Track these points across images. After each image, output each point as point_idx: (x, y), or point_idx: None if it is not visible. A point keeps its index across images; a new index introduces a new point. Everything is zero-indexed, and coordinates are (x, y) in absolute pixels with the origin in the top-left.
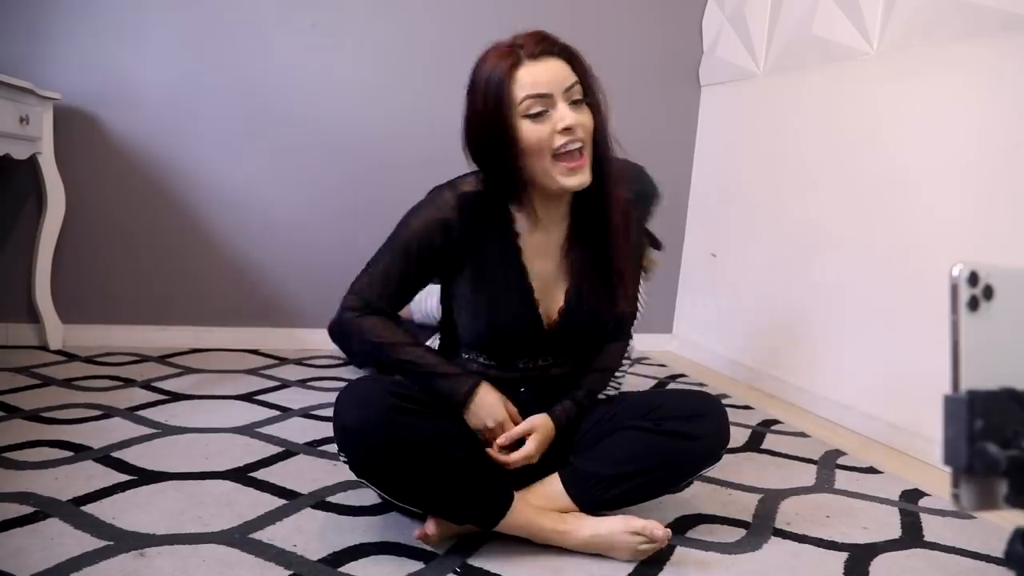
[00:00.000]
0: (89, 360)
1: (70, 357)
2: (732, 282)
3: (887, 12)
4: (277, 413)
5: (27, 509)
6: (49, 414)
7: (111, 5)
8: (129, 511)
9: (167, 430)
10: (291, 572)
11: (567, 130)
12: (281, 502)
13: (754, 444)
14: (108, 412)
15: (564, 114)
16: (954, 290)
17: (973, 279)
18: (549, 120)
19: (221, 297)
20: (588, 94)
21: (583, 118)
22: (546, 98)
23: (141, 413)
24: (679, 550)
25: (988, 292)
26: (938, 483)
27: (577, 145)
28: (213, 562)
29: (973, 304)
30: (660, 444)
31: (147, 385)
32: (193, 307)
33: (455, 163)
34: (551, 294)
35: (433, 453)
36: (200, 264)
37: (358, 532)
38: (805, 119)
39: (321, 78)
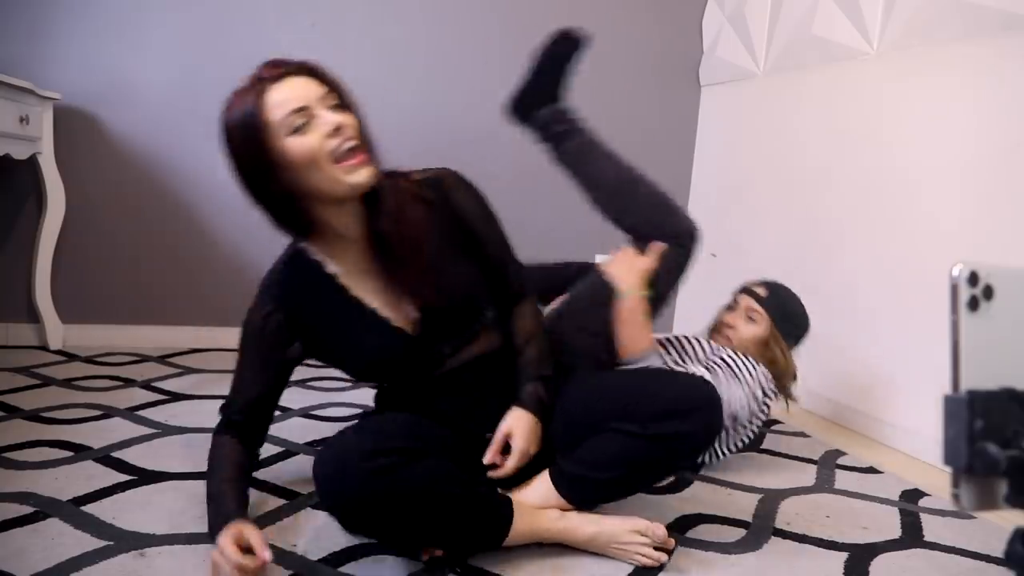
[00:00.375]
0: (89, 360)
1: (70, 357)
2: (732, 282)
3: (887, 12)
4: (277, 413)
5: (27, 509)
6: (49, 414)
7: (111, 5)
8: (129, 511)
9: (167, 430)
10: (291, 572)
11: (337, 131)
12: (281, 502)
13: (754, 444)
14: (108, 412)
15: (328, 118)
16: (954, 290)
17: (973, 279)
18: (315, 129)
19: (221, 297)
20: (343, 100)
21: (348, 119)
22: (304, 110)
23: (141, 413)
24: (679, 550)
25: (988, 292)
26: (938, 483)
27: (352, 144)
28: None
29: (973, 304)
30: (649, 449)
31: (147, 385)
32: (193, 307)
33: (453, 163)
34: (400, 299)
35: (427, 499)
36: (200, 264)
37: None
38: (805, 119)
39: None
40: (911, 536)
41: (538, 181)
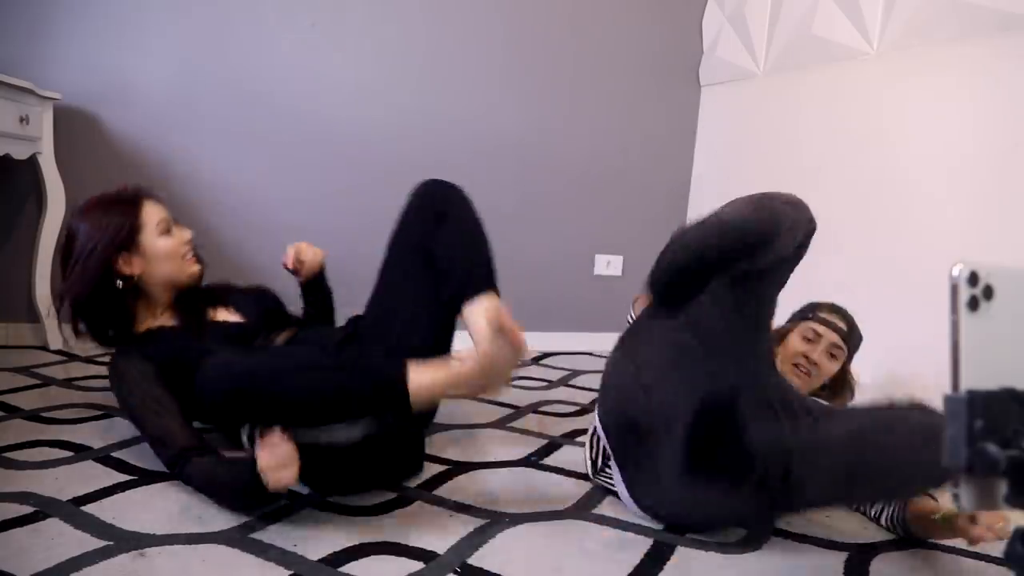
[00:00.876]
0: (89, 360)
1: (70, 357)
2: None
3: (887, 12)
4: None
5: (27, 509)
6: (49, 414)
7: (111, 5)
8: (129, 511)
9: None
10: (291, 572)
11: (188, 241)
12: (281, 502)
13: None
14: (108, 412)
15: (183, 232)
16: (954, 290)
17: (973, 279)
18: (176, 235)
19: None
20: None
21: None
22: (167, 220)
23: None
24: (679, 550)
25: (988, 292)
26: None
27: (193, 251)
28: (213, 562)
29: (973, 304)
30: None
31: None
32: None
33: (452, 161)
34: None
35: (303, 371)
36: None
37: (358, 532)
38: (805, 119)
39: (321, 78)
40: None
41: (537, 180)
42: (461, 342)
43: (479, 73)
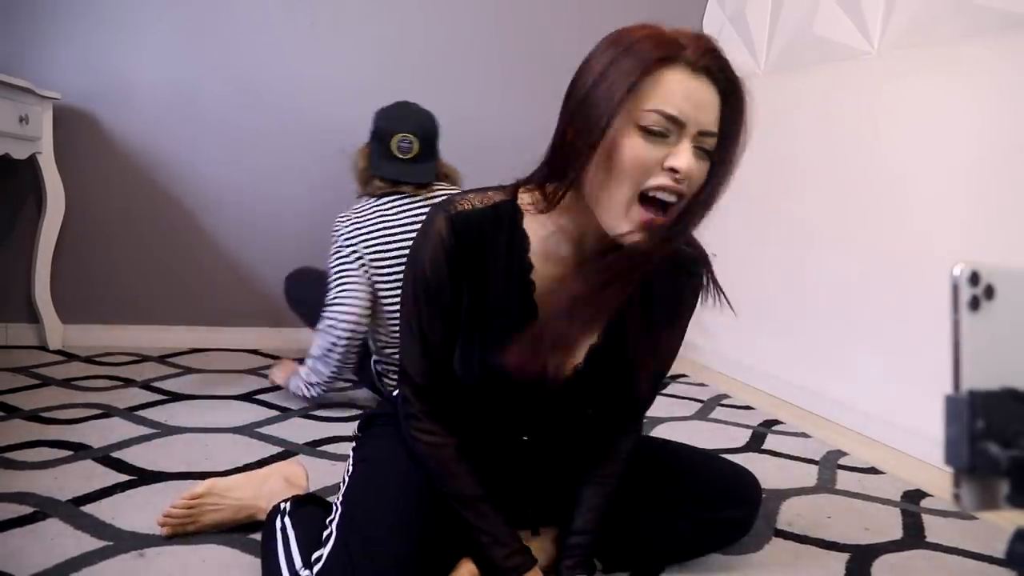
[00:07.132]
0: (89, 360)
1: (70, 357)
2: (731, 281)
3: (888, 12)
4: (277, 413)
5: (26, 509)
6: (49, 414)
7: (111, 5)
8: (128, 511)
9: (167, 430)
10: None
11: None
12: None
13: (755, 444)
14: (108, 412)
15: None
16: (955, 290)
17: (974, 279)
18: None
19: (221, 297)
20: None
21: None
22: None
23: (141, 413)
24: None
25: (989, 292)
26: (940, 484)
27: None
28: (213, 563)
29: (974, 304)
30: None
31: (147, 385)
32: (193, 307)
33: (451, 160)
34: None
35: None
36: (200, 264)
37: None
38: (806, 119)
39: (321, 77)
40: (913, 537)
41: None
42: None
43: (479, 73)
